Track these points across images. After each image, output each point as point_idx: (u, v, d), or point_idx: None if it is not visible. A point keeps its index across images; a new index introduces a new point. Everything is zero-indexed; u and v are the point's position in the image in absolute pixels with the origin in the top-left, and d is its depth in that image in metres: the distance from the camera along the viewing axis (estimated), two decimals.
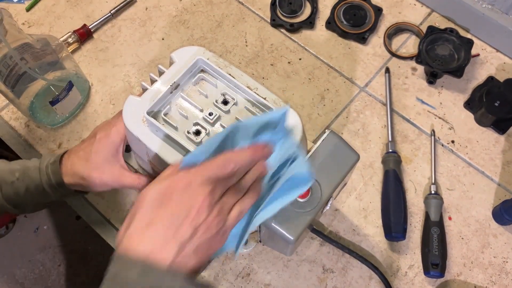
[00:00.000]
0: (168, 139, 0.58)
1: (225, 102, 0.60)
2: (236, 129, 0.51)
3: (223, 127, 0.59)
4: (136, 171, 0.70)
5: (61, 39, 0.88)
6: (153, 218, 0.45)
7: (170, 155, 0.58)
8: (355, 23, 0.91)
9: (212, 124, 0.59)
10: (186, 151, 0.57)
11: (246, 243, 0.73)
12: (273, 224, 0.60)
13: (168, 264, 0.44)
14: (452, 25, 0.92)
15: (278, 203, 0.53)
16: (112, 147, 0.64)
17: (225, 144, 0.51)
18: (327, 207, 0.67)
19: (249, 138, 0.52)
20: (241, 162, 0.49)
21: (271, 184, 0.53)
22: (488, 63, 0.89)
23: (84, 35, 0.91)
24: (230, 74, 0.61)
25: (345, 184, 0.76)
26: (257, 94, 0.60)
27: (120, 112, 0.63)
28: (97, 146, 0.64)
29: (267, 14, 0.94)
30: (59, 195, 0.67)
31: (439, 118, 0.85)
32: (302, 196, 0.59)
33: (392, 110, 0.85)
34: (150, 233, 0.45)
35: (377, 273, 0.72)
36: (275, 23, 0.93)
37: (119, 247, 0.46)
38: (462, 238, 0.76)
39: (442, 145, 0.83)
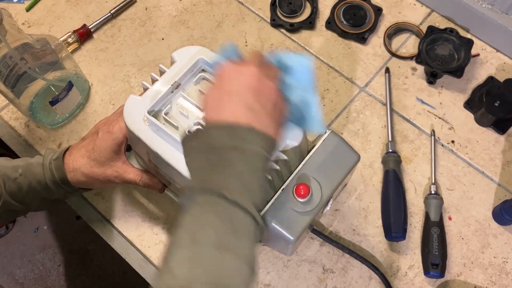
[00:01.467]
0: (169, 138, 0.58)
1: None
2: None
3: None
4: None
5: (61, 39, 0.88)
6: (220, 97, 0.51)
7: (171, 155, 0.58)
8: (355, 23, 0.91)
9: None
10: None
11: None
12: (273, 224, 0.60)
13: (249, 126, 0.48)
14: (452, 25, 0.92)
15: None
16: (114, 144, 0.64)
17: None
18: (327, 208, 0.67)
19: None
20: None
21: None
22: (488, 63, 0.89)
23: (84, 35, 0.91)
24: None
25: (345, 185, 0.76)
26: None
27: (121, 108, 0.63)
28: (100, 143, 0.64)
29: (267, 14, 0.94)
30: (62, 192, 0.67)
31: (439, 118, 0.85)
32: (302, 197, 0.59)
33: (392, 110, 0.85)
34: (225, 107, 0.50)
35: (377, 273, 0.72)
36: (275, 23, 0.93)
37: (206, 123, 0.51)
38: (462, 238, 0.76)
39: (442, 145, 0.83)
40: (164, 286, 0.41)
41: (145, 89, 0.63)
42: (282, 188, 0.61)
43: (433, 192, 0.77)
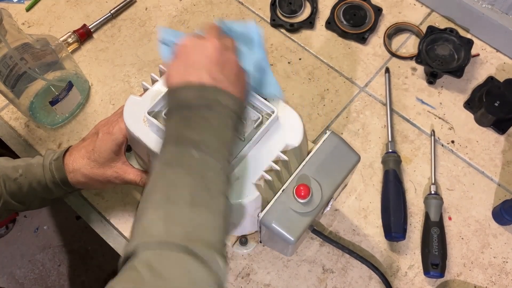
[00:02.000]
0: None
1: None
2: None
3: None
4: None
5: (61, 39, 0.88)
6: (185, 68, 0.52)
7: None
8: (355, 23, 0.91)
9: None
10: None
11: (246, 242, 0.73)
12: (273, 224, 0.60)
13: (216, 87, 0.50)
14: (452, 25, 0.92)
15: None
16: (114, 145, 0.64)
17: None
18: (327, 208, 0.67)
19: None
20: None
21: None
22: (488, 63, 0.89)
23: (84, 35, 0.91)
24: None
25: (345, 185, 0.76)
26: (258, 95, 0.60)
27: (121, 109, 0.63)
28: (100, 144, 0.64)
29: (267, 14, 0.94)
30: (62, 192, 0.67)
31: (439, 118, 0.85)
32: (303, 197, 0.59)
33: (392, 110, 0.85)
34: (190, 71, 0.51)
35: (377, 273, 0.72)
36: (275, 23, 0.93)
37: (169, 87, 0.52)
38: (462, 238, 0.76)
39: (442, 145, 0.83)
40: (141, 245, 0.42)
41: (145, 89, 0.63)
42: (282, 189, 0.61)
43: (433, 192, 0.77)
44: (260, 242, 0.73)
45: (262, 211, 0.60)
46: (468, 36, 0.91)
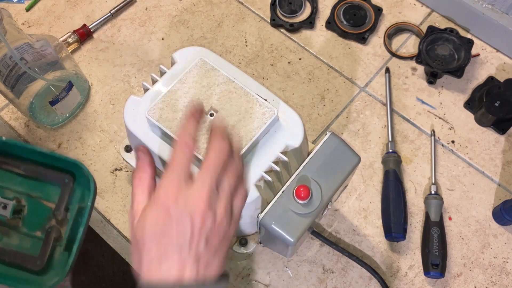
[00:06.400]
0: (169, 139, 0.58)
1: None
2: None
3: None
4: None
5: (61, 39, 0.88)
6: (162, 249, 0.43)
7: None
8: (355, 23, 0.91)
9: None
10: None
11: (246, 243, 0.73)
12: (273, 226, 0.60)
13: (194, 280, 0.42)
14: (452, 25, 0.92)
15: None
16: None
17: None
18: (327, 209, 0.67)
19: None
20: (192, 130, 0.46)
21: None
22: (488, 63, 0.89)
23: (84, 35, 0.91)
24: (231, 75, 0.61)
25: (345, 186, 0.76)
26: (258, 95, 0.60)
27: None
28: None
29: (267, 14, 0.94)
30: None
31: (439, 118, 0.85)
32: (303, 198, 0.59)
33: (392, 110, 0.85)
34: (167, 264, 0.42)
35: (376, 277, 0.72)
36: (275, 23, 0.93)
37: (140, 282, 0.44)
38: (462, 239, 0.76)
39: (442, 145, 0.83)
40: None
41: (146, 89, 0.63)
42: (282, 190, 0.61)
43: (433, 192, 0.77)
44: (260, 243, 0.73)
45: (261, 212, 0.60)
46: (468, 36, 0.91)
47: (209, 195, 0.43)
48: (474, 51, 0.87)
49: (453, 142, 0.83)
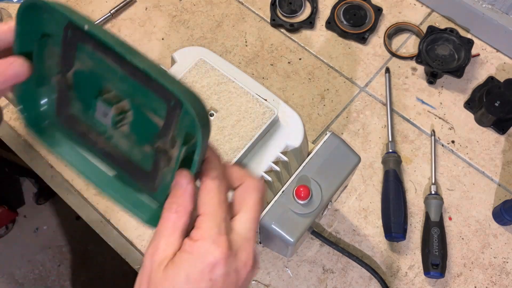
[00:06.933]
0: None
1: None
2: None
3: None
4: None
5: None
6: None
7: None
8: (355, 23, 0.91)
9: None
10: None
11: None
12: (273, 225, 0.60)
13: None
14: (452, 25, 0.92)
15: None
16: None
17: None
18: (327, 209, 0.67)
19: None
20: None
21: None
22: (488, 63, 0.89)
23: None
24: (231, 75, 0.61)
25: (345, 187, 0.76)
26: (258, 95, 0.60)
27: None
28: None
29: (267, 14, 0.94)
30: None
31: (439, 118, 0.85)
32: (303, 199, 0.59)
33: (392, 110, 0.85)
34: None
35: (376, 277, 0.72)
36: (275, 23, 0.93)
37: None
38: (462, 239, 0.76)
39: (442, 145, 0.83)
40: None
41: None
42: (282, 190, 0.61)
43: (433, 192, 0.77)
44: (260, 243, 0.73)
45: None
46: (468, 36, 0.91)
47: (214, 235, 0.38)
48: (474, 51, 0.87)
49: (453, 142, 0.83)
